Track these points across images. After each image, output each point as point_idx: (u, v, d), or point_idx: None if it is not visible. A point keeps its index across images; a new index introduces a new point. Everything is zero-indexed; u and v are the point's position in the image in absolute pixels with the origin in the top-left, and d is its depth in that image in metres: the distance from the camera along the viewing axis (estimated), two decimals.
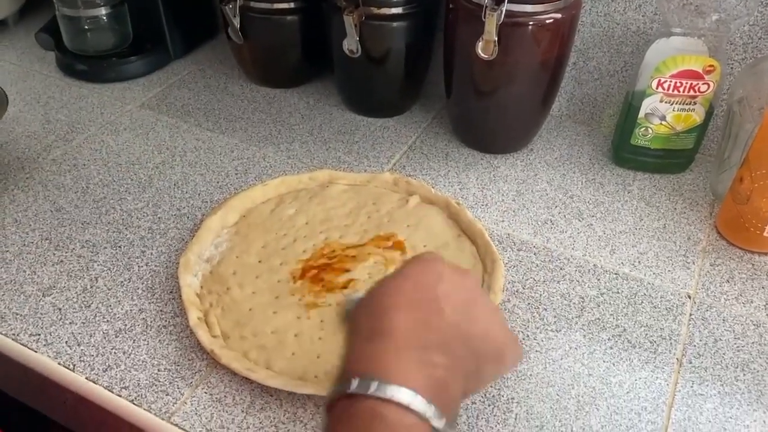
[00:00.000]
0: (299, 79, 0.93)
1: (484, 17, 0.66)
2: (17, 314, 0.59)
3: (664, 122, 0.73)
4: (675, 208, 0.73)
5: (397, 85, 0.85)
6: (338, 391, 0.37)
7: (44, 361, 0.56)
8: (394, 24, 0.77)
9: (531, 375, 0.55)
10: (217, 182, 0.75)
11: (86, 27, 0.93)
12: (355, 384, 0.36)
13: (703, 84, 0.70)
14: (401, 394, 0.35)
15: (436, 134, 0.84)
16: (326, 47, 0.83)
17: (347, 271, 0.62)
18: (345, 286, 0.61)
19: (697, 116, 0.73)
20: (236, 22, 0.84)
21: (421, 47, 0.82)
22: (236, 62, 0.94)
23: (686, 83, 0.70)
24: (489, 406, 0.53)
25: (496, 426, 0.52)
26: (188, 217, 0.70)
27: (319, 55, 0.89)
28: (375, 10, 0.76)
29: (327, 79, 0.93)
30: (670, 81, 0.70)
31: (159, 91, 0.91)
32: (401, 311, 0.40)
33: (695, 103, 0.72)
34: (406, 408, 0.35)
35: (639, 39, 0.78)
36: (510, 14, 0.67)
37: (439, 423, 0.36)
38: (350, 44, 0.78)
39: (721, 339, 0.59)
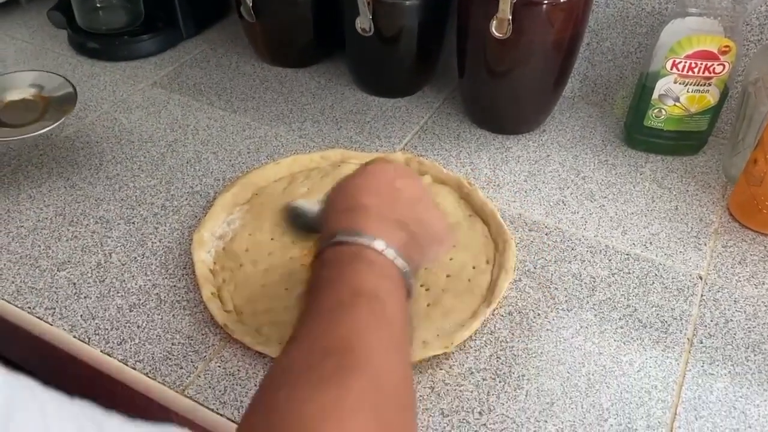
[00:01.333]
0: (311, 58, 0.93)
1: None
2: (33, 288, 0.60)
3: (677, 104, 0.73)
4: (687, 190, 0.73)
5: (410, 64, 0.84)
6: (323, 244, 0.45)
7: (60, 334, 0.56)
8: (407, 2, 0.77)
9: (542, 353, 0.56)
10: (230, 160, 0.75)
11: (98, 5, 0.93)
12: (338, 236, 0.44)
13: (718, 65, 0.69)
14: (376, 242, 0.43)
15: (449, 114, 0.84)
16: (338, 26, 0.83)
17: None
18: None
19: (711, 98, 0.72)
20: (249, 0, 0.84)
21: (434, 26, 0.82)
22: (248, 41, 0.94)
23: (701, 64, 0.70)
24: (500, 382, 0.53)
25: (506, 402, 0.52)
26: (201, 195, 0.70)
27: (332, 35, 0.88)
28: None
29: (339, 58, 0.93)
30: (685, 62, 0.70)
31: (171, 70, 0.91)
32: (369, 195, 0.47)
33: (710, 85, 0.71)
34: (380, 252, 0.43)
35: (654, 19, 0.77)
36: None
37: (404, 267, 0.44)
38: (363, 23, 0.77)
39: (732, 320, 0.59)
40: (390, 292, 0.42)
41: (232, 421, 0.50)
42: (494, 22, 0.68)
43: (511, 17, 0.67)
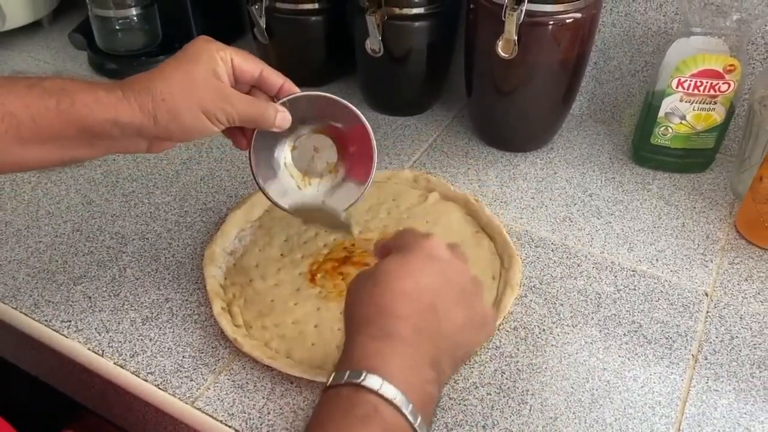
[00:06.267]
0: (323, 78, 0.95)
1: (504, 17, 0.67)
2: (50, 301, 0.61)
3: (684, 121, 0.74)
4: (694, 207, 0.73)
5: (419, 84, 0.86)
6: (339, 376, 0.41)
7: (75, 346, 0.58)
8: (416, 24, 0.78)
9: (546, 368, 0.56)
10: (242, 178, 0.77)
11: (117, 27, 0.95)
12: (363, 376, 0.40)
13: (723, 83, 0.70)
14: (401, 400, 0.39)
15: (457, 132, 0.85)
16: (349, 47, 0.85)
17: (366, 264, 0.63)
18: None
19: (717, 116, 0.73)
20: (262, 22, 0.86)
21: (442, 47, 0.83)
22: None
23: (707, 83, 0.70)
24: (504, 397, 0.54)
25: (510, 417, 0.53)
26: (213, 211, 0.72)
27: (343, 55, 0.90)
28: (397, 11, 0.77)
29: (350, 78, 0.94)
30: (691, 80, 0.70)
31: None
32: (405, 320, 0.43)
33: (716, 103, 0.72)
34: (399, 411, 0.39)
35: (660, 39, 0.78)
36: (530, 14, 0.67)
37: (422, 429, 0.40)
38: (373, 44, 0.79)
39: (737, 336, 0.59)
40: None
41: None
42: (500, 42, 0.70)
43: (516, 38, 0.68)
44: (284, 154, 0.60)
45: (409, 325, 0.43)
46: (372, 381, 0.40)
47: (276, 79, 0.56)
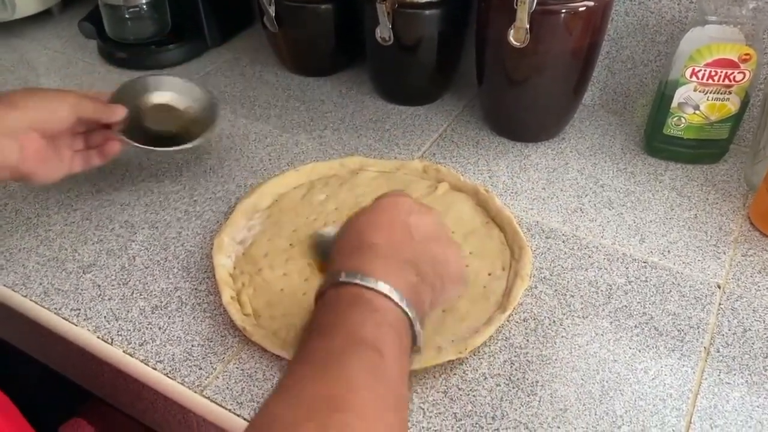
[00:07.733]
0: (333, 67, 0.94)
1: (516, 5, 0.67)
2: (59, 290, 0.62)
3: (697, 112, 0.73)
4: (707, 199, 0.73)
5: (429, 73, 0.85)
6: (328, 282, 0.44)
7: (84, 334, 0.58)
8: (427, 12, 0.78)
9: (556, 360, 0.56)
10: (251, 167, 0.76)
11: (127, 16, 0.95)
12: (343, 275, 0.43)
13: (738, 73, 0.69)
14: (382, 285, 0.42)
15: (467, 122, 0.85)
16: (359, 36, 0.84)
17: None
18: None
19: (731, 106, 0.72)
20: (271, 10, 0.86)
21: (453, 35, 0.83)
22: (271, 51, 0.95)
23: (721, 72, 0.69)
24: (513, 388, 0.54)
25: (519, 408, 0.52)
26: (223, 201, 0.72)
27: (353, 44, 0.90)
28: None
29: (360, 67, 0.94)
30: (705, 70, 0.70)
31: (196, 79, 0.93)
32: (379, 232, 0.46)
33: (730, 93, 0.71)
34: (386, 296, 0.42)
35: (674, 28, 0.77)
36: (542, 2, 0.67)
37: (411, 313, 0.42)
38: (383, 32, 0.79)
39: (750, 329, 0.59)
40: (391, 342, 0.40)
41: (249, 421, 0.51)
42: (512, 31, 0.69)
43: (528, 26, 0.68)
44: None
45: (383, 236, 0.46)
46: (351, 276, 0.42)
47: (93, 108, 0.64)
